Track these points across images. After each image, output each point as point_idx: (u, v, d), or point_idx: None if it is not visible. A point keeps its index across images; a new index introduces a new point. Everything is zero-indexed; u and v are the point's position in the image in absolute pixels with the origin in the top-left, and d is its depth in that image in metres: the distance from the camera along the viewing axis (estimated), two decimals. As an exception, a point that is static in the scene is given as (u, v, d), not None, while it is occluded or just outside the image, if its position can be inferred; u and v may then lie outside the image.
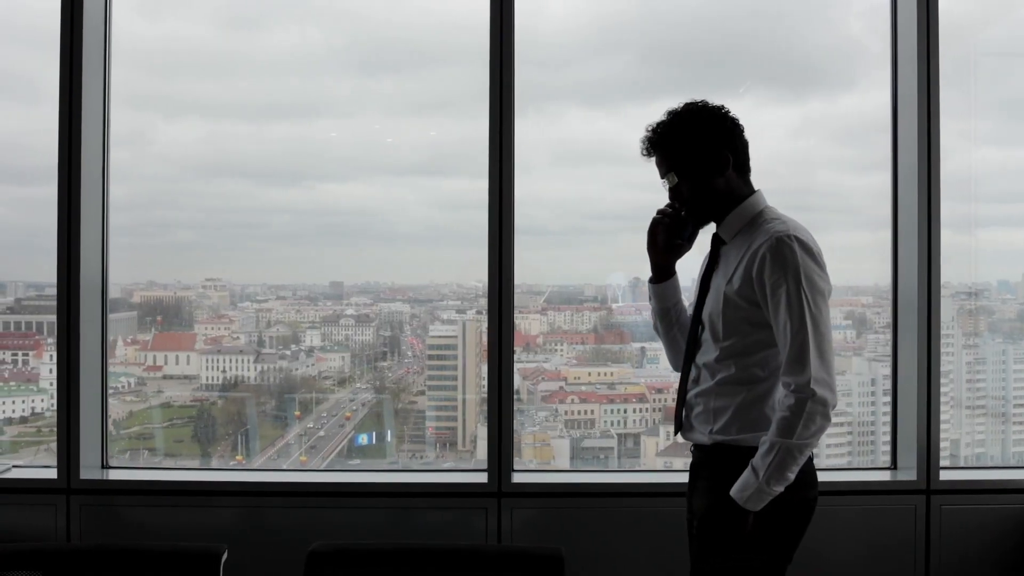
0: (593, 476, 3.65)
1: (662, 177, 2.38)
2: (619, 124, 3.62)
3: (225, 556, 2.42)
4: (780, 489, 2.14)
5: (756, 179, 2.37)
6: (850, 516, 3.37)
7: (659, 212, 2.46)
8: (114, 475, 3.52)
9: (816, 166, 3.93)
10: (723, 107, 2.35)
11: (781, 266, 2.17)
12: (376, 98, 3.92)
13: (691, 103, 2.34)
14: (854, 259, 3.98)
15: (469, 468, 3.86)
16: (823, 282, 2.19)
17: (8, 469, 3.50)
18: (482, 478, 3.39)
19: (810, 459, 2.27)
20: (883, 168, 3.60)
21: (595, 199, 3.77)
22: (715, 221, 2.38)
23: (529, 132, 3.35)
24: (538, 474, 3.67)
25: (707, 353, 2.35)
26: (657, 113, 2.33)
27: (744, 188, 2.35)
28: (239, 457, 3.96)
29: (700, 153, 2.31)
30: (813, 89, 3.92)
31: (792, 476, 2.14)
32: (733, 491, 2.17)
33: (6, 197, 4.01)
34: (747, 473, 2.17)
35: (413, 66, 3.81)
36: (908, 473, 3.45)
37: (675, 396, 2.49)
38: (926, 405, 3.39)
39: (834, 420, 3.59)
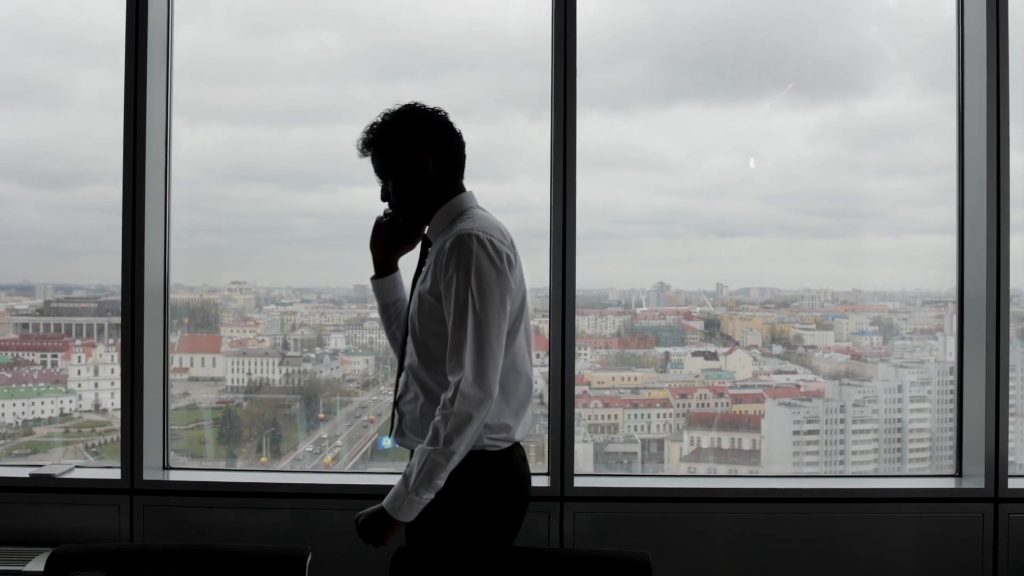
0: (656, 481, 3.61)
1: (375, 174, 2.42)
2: (639, 128, 3.58)
3: (310, 558, 2.41)
4: (430, 496, 2.14)
5: (777, 182, 2.35)
6: (912, 524, 3.33)
7: (385, 211, 2.51)
8: (175, 476, 3.56)
9: (836, 171, 3.87)
10: (430, 110, 2.37)
11: (456, 262, 2.17)
12: (397, 103, 3.92)
13: (406, 106, 2.38)
14: (879, 264, 3.92)
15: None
16: (496, 283, 2.17)
17: (71, 469, 3.55)
18: (543, 482, 3.35)
19: (509, 467, 2.30)
20: (904, 173, 3.55)
21: (617, 203, 3.73)
22: (425, 222, 2.41)
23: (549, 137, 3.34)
24: (599, 478, 3.61)
25: (411, 356, 2.36)
26: (675, 117, 2.32)
27: (449, 189, 2.37)
28: (264, 459, 3.99)
29: (399, 155, 2.34)
30: (830, 93, 3.86)
31: (441, 483, 2.14)
32: (385, 503, 2.20)
33: (33, 201, 4.08)
34: (399, 483, 2.19)
35: (432, 72, 3.81)
36: (975, 481, 3.40)
37: (700, 400, 2.46)
38: (994, 413, 3.34)
39: (860, 427, 3.53)
